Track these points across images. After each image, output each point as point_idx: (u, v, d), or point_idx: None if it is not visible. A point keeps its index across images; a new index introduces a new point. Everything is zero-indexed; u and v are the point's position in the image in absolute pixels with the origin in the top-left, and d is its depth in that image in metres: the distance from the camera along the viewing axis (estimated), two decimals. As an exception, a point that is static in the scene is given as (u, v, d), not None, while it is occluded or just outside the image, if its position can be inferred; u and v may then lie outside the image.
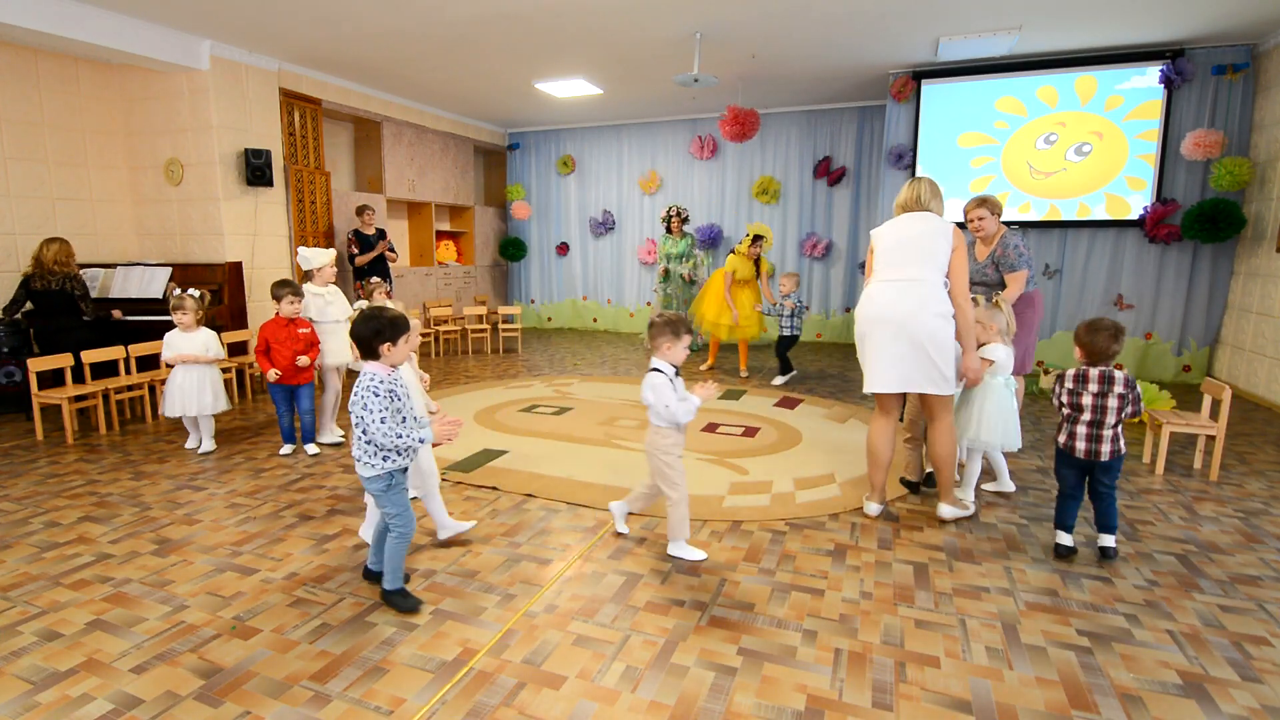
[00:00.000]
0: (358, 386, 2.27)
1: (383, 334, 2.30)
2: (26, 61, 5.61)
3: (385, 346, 2.31)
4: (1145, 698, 1.94)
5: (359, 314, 2.37)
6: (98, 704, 1.90)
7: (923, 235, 2.96)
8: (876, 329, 3.00)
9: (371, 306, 2.35)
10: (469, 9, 5.09)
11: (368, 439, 2.28)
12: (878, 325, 2.99)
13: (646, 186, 9.48)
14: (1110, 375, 2.71)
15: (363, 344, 2.32)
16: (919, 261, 2.95)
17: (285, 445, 4.24)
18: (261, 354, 4.07)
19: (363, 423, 2.26)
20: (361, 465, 2.34)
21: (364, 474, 2.36)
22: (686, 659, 2.11)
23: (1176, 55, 6.00)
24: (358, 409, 2.26)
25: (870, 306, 3.03)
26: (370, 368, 2.32)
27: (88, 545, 2.93)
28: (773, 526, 3.11)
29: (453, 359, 7.73)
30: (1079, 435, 2.76)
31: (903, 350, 2.93)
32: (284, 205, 6.68)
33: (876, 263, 3.08)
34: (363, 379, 2.29)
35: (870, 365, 3.05)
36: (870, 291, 3.07)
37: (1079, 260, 6.66)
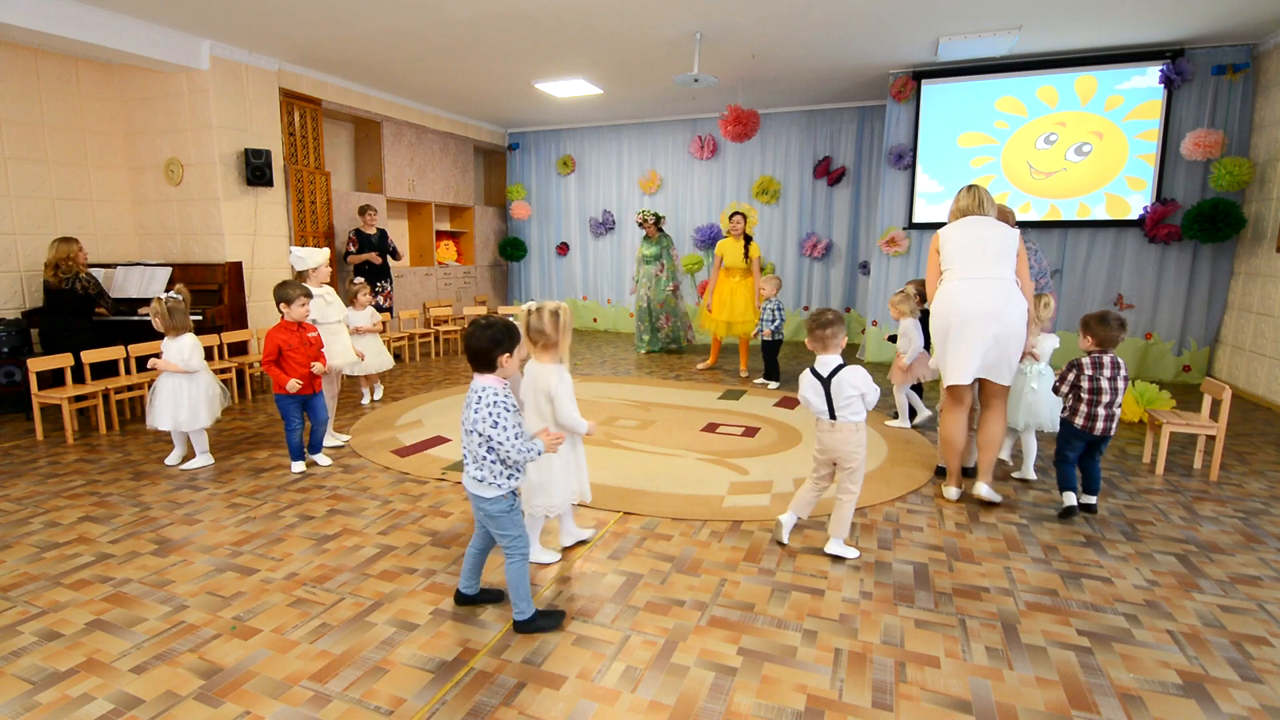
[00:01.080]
0: (481, 404, 2.12)
1: (502, 344, 2.16)
2: (26, 61, 5.61)
3: (504, 358, 2.17)
4: (1145, 698, 1.94)
5: (475, 323, 2.20)
6: (98, 704, 1.90)
7: (999, 239, 3.26)
8: (971, 323, 3.19)
9: (485, 315, 2.21)
10: (469, 9, 5.09)
11: (496, 457, 2.16)
12: (972, 319, 3.19)
13: (646, 186, 9.48)
14: (1117, 361, 3.19)
15: (480, 356, 2.16)
16: (999, 262, 3.23)
17: (296, 463, 3.91)
18: (273, 364, 3.74)
19: (492, 441, 2.12)
20: (485, 487, 2.19)
21: (485, 495, 2.20)
22: (686, 659, 2.11)
23: (1176, 55, 6.00)
24: (486, 427, 2.11)
25: (961, 301, 3.23)
26: (488, 381, 2.17)
27: (88, 545, 2.93)
28: (773, 526, 3.11)
29: (453, 359, 7.73)
30: (1099, 416, 3.17)
31: (990, 342, 3.18)
32: (284, 205, 6.68)
33: (952, 262, 3.30)
34: (486, 394, 2.13)
35: (958, 357, 3.24)
36: (954, 288, 3.26)
37: (1079, 260, 6.66)
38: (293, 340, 3.76)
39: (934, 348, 3.42)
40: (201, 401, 3.91)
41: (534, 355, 2.61)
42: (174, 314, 3.88)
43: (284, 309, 3.77)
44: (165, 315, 3.85)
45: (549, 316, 2.54)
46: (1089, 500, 3.28)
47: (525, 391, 2.62)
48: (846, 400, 2.71)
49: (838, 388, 2.72)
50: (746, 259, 6.45)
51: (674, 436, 4.51)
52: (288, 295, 3.76)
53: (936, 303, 3.35)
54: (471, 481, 2.22)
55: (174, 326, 3.88)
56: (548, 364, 2.57)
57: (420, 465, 3.96)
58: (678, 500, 3.38)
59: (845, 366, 2.73)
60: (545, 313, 2.55)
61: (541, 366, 2.57)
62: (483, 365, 2.17)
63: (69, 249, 4.92)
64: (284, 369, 3.76)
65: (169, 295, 3.95)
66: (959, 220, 3.38)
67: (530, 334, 2.56)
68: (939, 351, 3.37)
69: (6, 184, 5.52)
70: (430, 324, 8.21)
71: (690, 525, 3.13)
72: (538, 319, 2.55)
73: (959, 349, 3.23)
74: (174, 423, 3.85)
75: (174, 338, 3.89)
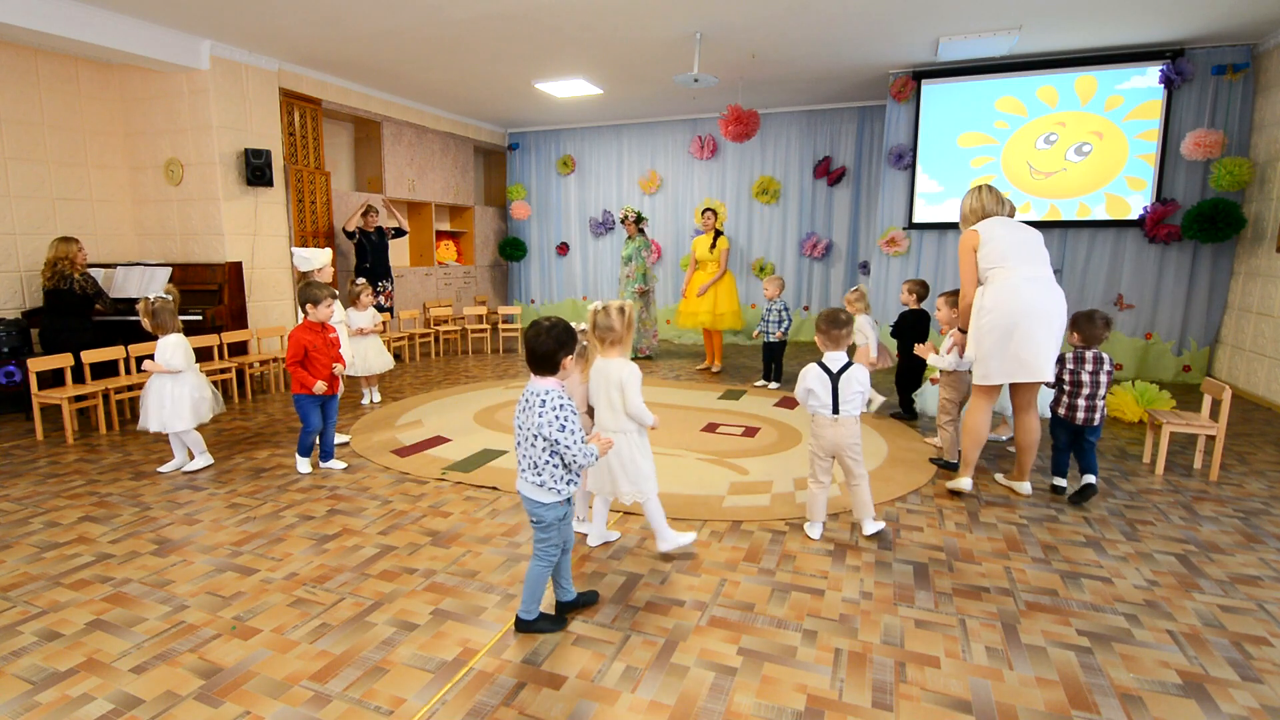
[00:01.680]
0: (546, 407, 2.07)
1: (566, 346, 2.12)
2: (26, 61, 5.61)
3: (568, 360, 2.15)
4: (1145, 698, 1.94)
5: (536, 326, 2.14)
6: (98, 704, 1.90)
7: (1037, 239, 3.29)
8: (1032, 322, 3.15)
9: (545, 316, 2.19)
10: (469, 9, 5.09)
11: (561, 462, 2.13)
12: (1033, 319, 3.15)
13: (646, 186, 9.48)
14: (1100, 357, 3.37)
15: (545, 359, 2.11)
16: (1044, 262, 3.26)
17: (303, 461, 3.86)
18: (298, 364, 3.68)
19: (559, 444, 2.08)
20: (544, 492, 2.15)
21: (543, 500, 2.16)
22: (686, 659, 2.11)
23: (1176, 55, 6.00)
24: (553, 431, 2.06)
25: (1022, 300, 3.16)
26: (549, 384, 2.12)
27: (88, 545, 2.93)
28: (773, 526, 3.11)
29: (453, 359, 7.73)
30: (1079, 407, 3.40)
31: (1046, 340, 3.19)
32: (284, 205, 6.68)
33: (1004, 260, 3.21)
34: (551, 398, 2.08)
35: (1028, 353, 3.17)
36: (1017, 285, 3.17)
37: (1079, 260, 6.66)
38: (317, 341, 3.73)
39: (980, 344, 3.26)
40: (185, 403, 3.80)
41: (601, 352, 2.69)
42: (158, 314, 3.82)
43: (310, 309, 3.72)
44: (150, 315, 3.82)
45: (616, 314, 2.64)
46: (1089, 480, 3.46)
47: (596, 387, 2.69)
48: (851, 396, 2.85)
49: (846, 383, 2.84)
50: (713, 250, 6.66)
51: (674, 436, 4.51)
52: (315, 295, 3.70)
53: (993, 299, 3.20)
54: (529, 487, 2.17)
55: (159, 326, 3.83)
56: (615, 358, 2.66)
57: (420, 465, 3.96)
58: (678, 500, 3.38)
59: (852, 364, 2.87)
60: (613, 310, 2.64)
61: (611, 361, 2.66)
62: (546, 368, 2.14)
63: (68, 249, 4.91)
64: (308, 370, 3.71)
65: (156, 295, 3.90)
66: (991, 220, 3.34)
67: (598, 332, 2.65)
68: (992, 348, 3.22)
69: (6, 184, 5.52)
70: (430, 324, 8.21)
71: (690, 525, 3.13)
72: (605, 317, 2.63)
73: (1027, 346, 3.15)
74: (159, 424, 3.77)
75: (162, 337, 3.85)
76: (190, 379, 3.87)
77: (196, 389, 3.89)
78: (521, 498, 2.24)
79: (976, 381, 3.37)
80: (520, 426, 2.18)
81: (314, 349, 3.71)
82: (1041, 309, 3.17)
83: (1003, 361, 3.23)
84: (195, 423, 3.86)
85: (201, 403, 3.90)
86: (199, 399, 3.88)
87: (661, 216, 9.52)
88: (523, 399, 2.17)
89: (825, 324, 2.90)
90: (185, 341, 3.87)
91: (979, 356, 3.30)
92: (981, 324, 3.25)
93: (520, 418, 2.18)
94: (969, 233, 3.34)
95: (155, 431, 3.82)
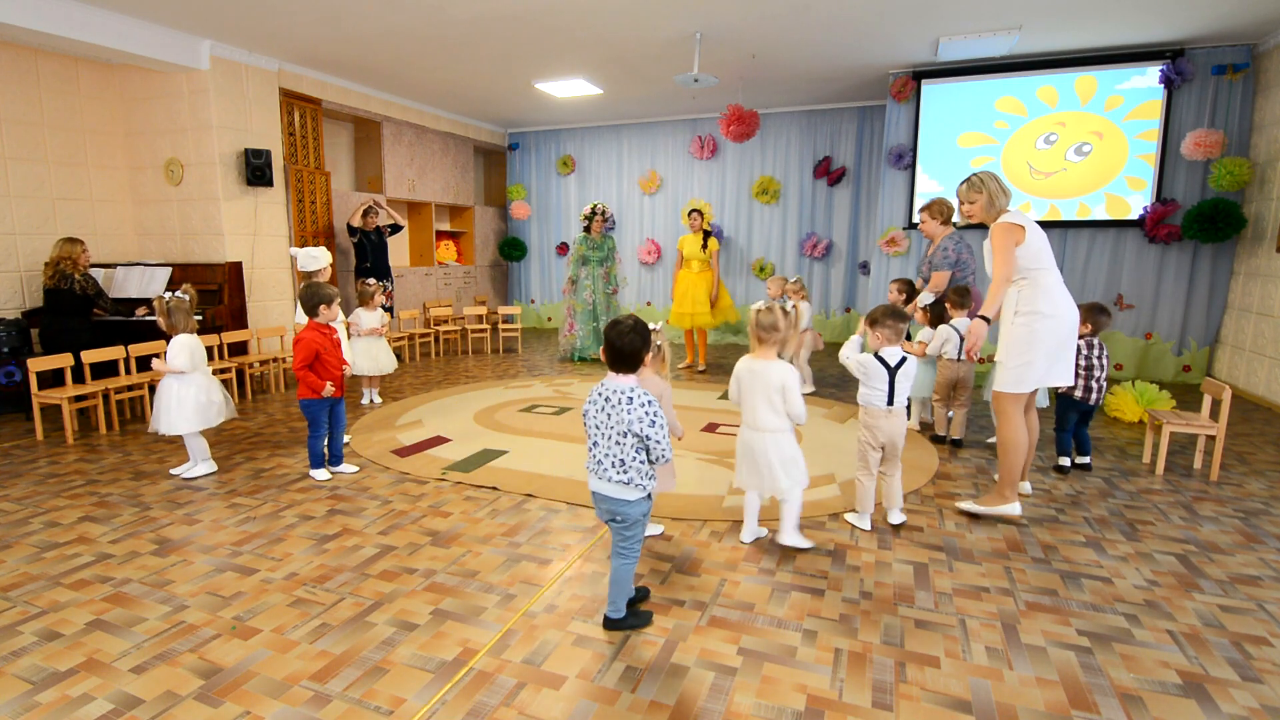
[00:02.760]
0: (634, 404, 2.09)
1: (648, 344, 2.17)
2: (26, 61, 5.61)
3: (650, 357, 2.23)
4: (1145, 698, 1.94)
5: (619, 325, 2.16)
6: (98, 704, 1.90)
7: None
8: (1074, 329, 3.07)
9: (626, 315, 2.22)
10: (469, 9, 5.09)
11: (650, 458, 2.14)
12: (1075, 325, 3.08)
13: (646, 186, 9.48)
14: (1101, 343, 3.74)
15: (631, 357, 2.14)
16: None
17: (319, 470, 3.76)
18: (308, 368, 3.59)
19: (650, 440, 2.10)
20: (631, 489, 2.15)
21: (629, 498, 2.16)
22: (686, 659, 2.11)
23: (1176, 55, 6.00)
24: (644, 427, 2.08)
25: (1070, 306, 3.06)
26: (631, 381, 2.15)
27: (88, 545, 2.93)
28: (773, 526, 3.11)
29: (453, 359, 7.73)
30: (1093, 389, 3.73)
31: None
32: (284, 205, 6.68)
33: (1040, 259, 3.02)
34: (638, 395, 2.10)
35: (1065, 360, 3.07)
36: (1063, 289, 3.05)
37: (1079, 260, 6.66)
38: (326, 343, 3.64)
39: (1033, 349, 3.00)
40: (188, 405, 3.71)
41: (758, 352, 2.72)
42: (172, 313, 3.77)
43: (323, 310, 3.63)
44: (164, 315, 3.77)
45: (781, 314, 2.67)
46: (1084, 460, 3.88)
47: (756, 386, 2.70)
48: (904, 389, 2.95)
49: (903, 376, 2.94)
50: (705, 250, 6.70)
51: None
52: (328, 295, 3.62)
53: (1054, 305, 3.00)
54: (614, 486, 2.16)
55: (172, 325, 3.78)
56: (772, 359, 2.70)
57: (420, 465, 3.96)
58: (678, 500, 3.38)
59: (907, 358, 2.96)
60: (778, 310, 2.67)
61: (770, 363, 2.68)
62: (629, 366, 2.16)
63: (71, 249, 4.92)
64: (317, 373, 3.63)
65: (172, 295, 3.83)
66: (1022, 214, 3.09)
67: (761, 331, 2.67)
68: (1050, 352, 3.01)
69: (6, 184, 5.52)
70: (430, 324, 8.21)
71: (690, 525, 3.13)
72: (770, 316, 2.66)
73: (1069, 350, 3.07)
74: (166, 425, 3.71)
75: (174, 337, 3.80)
76: (197, 381, 3.77)
77: (203, 392, 3.78)
78: (599, 499, 2.23)
79: (1014, 389, 3.07)
80: (599, 426, 2.17)
81: (324, 351, 3.63)
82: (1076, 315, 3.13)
83: (1052, 366, 3.05)
84: (199, 426, 3.75)
85: (208, 407, 3.78)
86: (204, 403, 3.76)
87: (661, 216, 9.53)
88: (598, 398, 2.17)
89: (888, 317, 2.98)
90: (193, 342, 3.77)
91: (1026, 361, 3.02)
92: (1037, 329, 2.99)
93: (598, 417, 2.17)
94: (1011, 226, 2.99)
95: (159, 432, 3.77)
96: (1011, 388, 3.09)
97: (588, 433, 2.23)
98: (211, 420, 3.80)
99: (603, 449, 2.16)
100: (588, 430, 2.22)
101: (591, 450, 2.20)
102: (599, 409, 2.17)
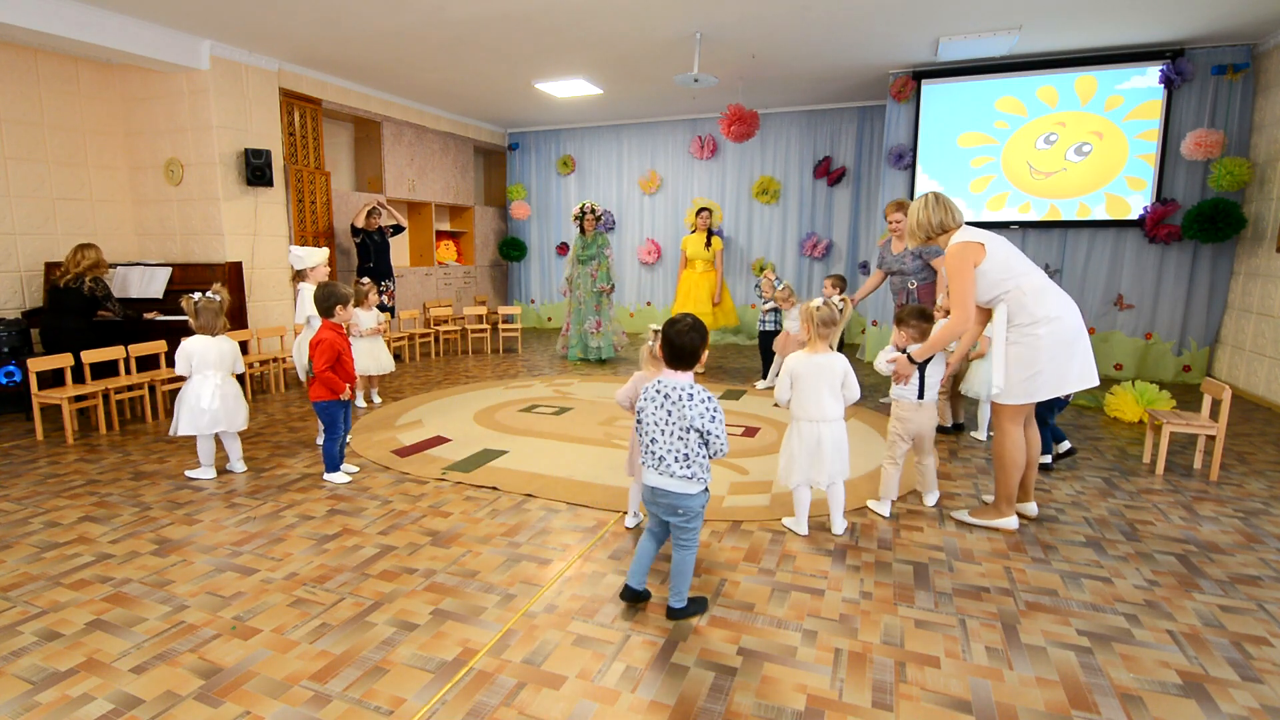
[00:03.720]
0: (695, 400, 2.16)
1: (705, 341, 2.30)
2: (26, 61, 5.61)
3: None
4: (1145, 698, 1.94)
5: (678, 323, 2.26)
6: (98, 704, 1.90)
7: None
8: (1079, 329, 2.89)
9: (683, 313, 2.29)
10: (469, 9, 5.09)
11: (710, 452, 2.22)
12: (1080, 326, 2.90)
13: (646, 186, 9.48)
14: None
15: (692, 354, 2.24)
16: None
17: (334, 475, 3.70)
18: (330, 370, 3.54)
19: (711, 434, 2.17)
20: (693, 483, 2.23)
21: (691, 491, 2.23)
22: (686, 659, 2.11)
23: (1176, 55, 6.00)
24: (706, 422, 2.15)
25: (1070, 306, 2.90)
26: (690, 379, 2.24)
27: (88, 545, 2.93)
28: (773, 526, 3.11)
29: (453, 359, 7.73)
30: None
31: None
32: (284, 205, 6.68)
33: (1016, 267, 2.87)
34: (699, 391, 2.18)
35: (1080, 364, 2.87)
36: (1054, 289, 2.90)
37: (1079, 260, 6.67)
38: (344, 343, 3.59)
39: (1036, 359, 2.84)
40: (184, 408, 3.65)
41: (815, 347, 2.89)
42: (200, 314, 3.70)
43: (339, 310, 3.58)
44: (193, 315, 3.71)
45: (838, 311, 2.88)
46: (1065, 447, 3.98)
47: (821, 378, 2.85)
48: (933, 383, 3.15)
49: (931, 372, 3.13)
50: (709, 249, 6.70)
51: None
52: (344, 296, 3.57)
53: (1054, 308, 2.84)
54: (677, 481, 2.22)
55: (200, 327, 3.71)
56: (830, 351, 2.88)
57: (420, 465, 3.96)
58: (678, 500, 3.38)
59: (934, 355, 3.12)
60: (833, 307, 2.87)
61: (830, 355, 2.87)
62: (688, 363, 2.26)
63: (98, 255, 4.99)
64: (336, 374, 3.57)
65: (202, 295, 3.73)
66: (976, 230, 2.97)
67: (820, 327, 2.85)
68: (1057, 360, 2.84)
69: (6, 184, 5.52)
70: (430, 324, 8.21)
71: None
72: (829, 312, 2.85)
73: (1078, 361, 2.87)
74: (172, 425, 3.69)
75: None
76: (194, 385, 3.68)
77: (200, 398, 3.67)
78: (658, 494, 2.27)
79: (1017, 400, 2.90)
80: (658, 423, 2.23)
81: (344, 351, 3.57)
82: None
83: (1065, 370, 2.85)
84: (191, 431, 3.65)
85: (200, 414, 3.65)
86: (197, 409, 3.65)
87: (661, 217, 9.53)
88: (656, 395, 2.24)
89: (913, 317, 3.20)
90: (193, 346, 3.67)
91: (1033, 372, 2.85)
92: (1040, 335, 2.82)
93: (656, 414, 2.24)
94: (970, 246, 2.88)
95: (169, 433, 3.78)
96: (1020, 399, 2.89)
97: (642, 430, 2.29)
98: (203, 428, 3.67)
99: (664, 445, 2.22)
100: (643, 428, 2.28)
101: (649, 447, 2.26)
102: (657, 406, 2.24)
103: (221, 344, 3.75)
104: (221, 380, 3.74)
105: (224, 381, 3.75)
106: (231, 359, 3.80)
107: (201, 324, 3.72)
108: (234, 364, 3.82)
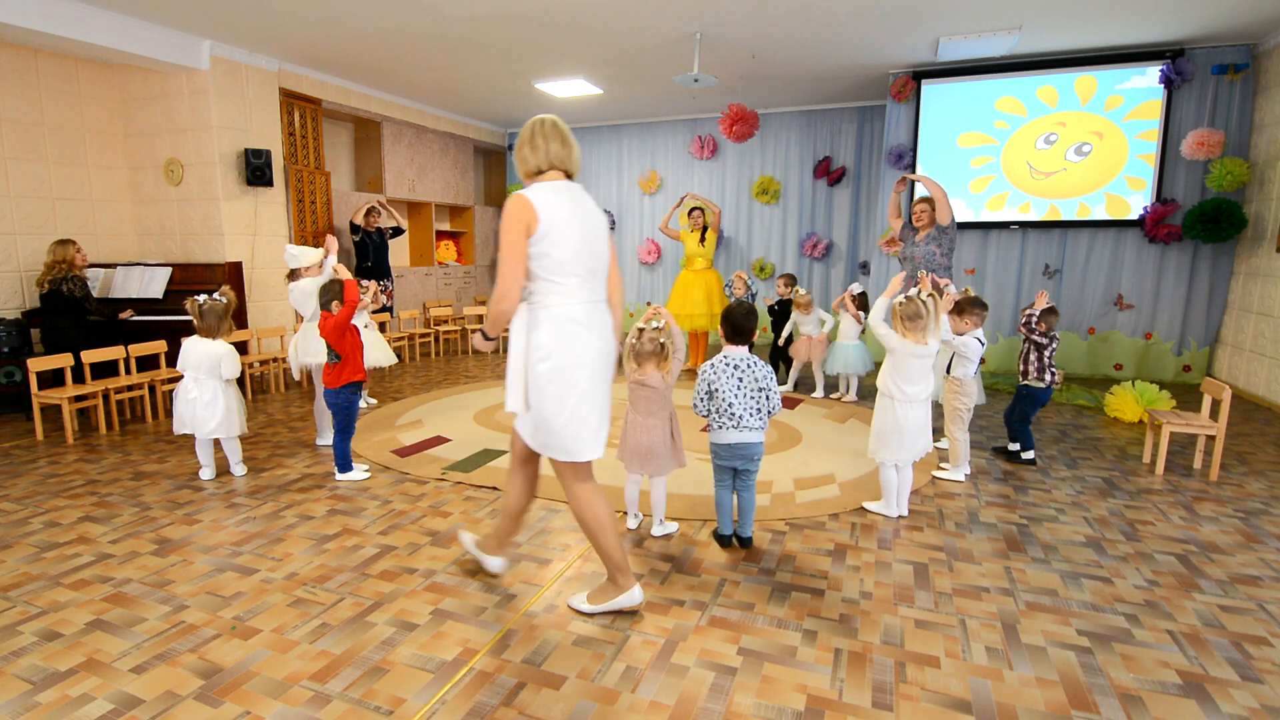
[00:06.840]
0: (757, 366, 2.74)
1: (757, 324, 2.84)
2: (26, 61, 5.61)
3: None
4: (1145, 698, 1.94)
5: (741, 306, 2.78)
6: (98, 704, 1.90)
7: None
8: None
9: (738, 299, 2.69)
10: (469, 9, 5.09)
11: (770, 407, 2.75)
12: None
13: (646, 186, 9.48)
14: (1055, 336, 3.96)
15: (748, 333, 2.78)
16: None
17: (348, 474, 3.70)
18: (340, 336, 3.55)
19: (770, 391, 2.74)
20: (761, 433, 2.76)
21: (760, 440, 2.76)
22: (686, 659, 2.11)
23: (1176, 55, 6.00)
24: (769, 382, 2.74)
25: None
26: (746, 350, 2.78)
27: (88, 545, 2.93)
28: (773, 526, 3.11)
29: (453, 359, 7.73)
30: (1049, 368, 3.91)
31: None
32: (284, 205, 6.68)
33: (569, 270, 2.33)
34: (758, 360, 2.75)
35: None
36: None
37: (1079, 260, 6.66)
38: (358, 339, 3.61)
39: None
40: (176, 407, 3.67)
41: (913, 338, 3.08)
42: (204, 316, 3.63)
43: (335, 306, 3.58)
44: (197, 317, 3.63)
45: (922, 304, 3.10)
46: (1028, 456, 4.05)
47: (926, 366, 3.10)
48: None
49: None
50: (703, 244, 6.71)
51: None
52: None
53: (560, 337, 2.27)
54: (755, 434, 2.74)
55: (204, 329, 3.64)
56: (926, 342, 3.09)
57: (420, 465, 3.96)
58: (678, 500, 3.38)
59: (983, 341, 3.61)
60: (917, 301, 3.09)
61: (917, 346, 3.07)
62: (746, 339, 2.78)
63: (65, 252, 4.89)
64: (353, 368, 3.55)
65: (207, 297, 3.67)
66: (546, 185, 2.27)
67: (907, 321, 3.08)
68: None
69: (6, 184, 5.52)
70: (430, 324, 8.20)
71: (690, 525, 3.13)
72: (911, 306, 3.08)
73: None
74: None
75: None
76: (184, 386, 3.64)
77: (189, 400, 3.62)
78: (739, 449, 2.75)
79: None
80: (734, 389, 2.71)
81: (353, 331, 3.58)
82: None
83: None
84: (179, 430, 3.65)
85: (180, 414, 3.63)
86: (184, 412, 3.63)
87: (662, 217, 9.51)
88: (727, 366, 2.74)
89: (973, 306, 3.61)
90: (187, 346, 3.64)
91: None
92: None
93: (730, 382, 2.72)
94: (519, 201, 2.18)
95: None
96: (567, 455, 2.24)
97: (720, 397, 2.73)
98: (185, 428, 3.64)
99: (742, 405, 2.71)
100: (720, 395, 2.73)
101: (727, 410, 2.72)
102: (730, 374, 2.73)
103: (212, 347, 3.62)
104: (212, 384, 3.64)
105: (213, 387, 3.64)
106: (217, 363, 3.62)
107: (204, 326, 3.64)
108: (221, 368, 3.63)
